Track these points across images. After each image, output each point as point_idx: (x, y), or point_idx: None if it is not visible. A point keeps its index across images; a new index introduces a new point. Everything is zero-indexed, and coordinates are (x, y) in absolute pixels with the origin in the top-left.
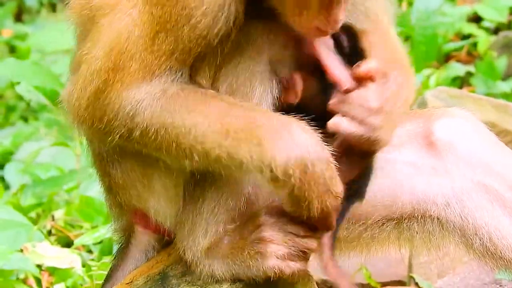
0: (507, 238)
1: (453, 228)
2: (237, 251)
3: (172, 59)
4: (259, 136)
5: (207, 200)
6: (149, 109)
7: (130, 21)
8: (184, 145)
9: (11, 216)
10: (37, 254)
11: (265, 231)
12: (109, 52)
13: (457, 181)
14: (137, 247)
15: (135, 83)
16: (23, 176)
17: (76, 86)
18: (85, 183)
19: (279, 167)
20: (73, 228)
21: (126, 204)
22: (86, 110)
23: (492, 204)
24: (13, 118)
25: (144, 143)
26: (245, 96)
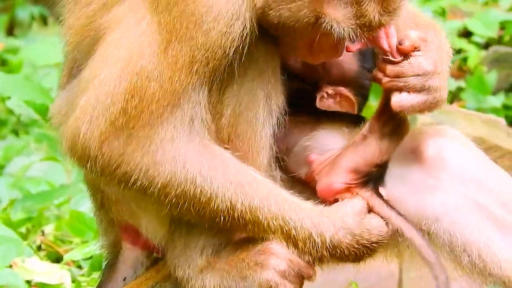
0: (497, 255)
1: (442, 244)
2: (236, 262)
3: (192, 73)
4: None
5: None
6: (182, 159)
7: (140, 33)
8: (224, 201)
9: (1, 231)
10: (26, 269)
11: (273, 245)
12: (122, 73)
13: (447, 197)
14: (125, 264)
15: (161, 113)
16: (13, 190)
17: (83, 119)
18: (76, 198)
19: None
20: (63, 243)
21: (118, 220)
22: (99, 150)
23: (483, 220)
24: (4, 132)
25: (162, 195)
26: (250, 122)
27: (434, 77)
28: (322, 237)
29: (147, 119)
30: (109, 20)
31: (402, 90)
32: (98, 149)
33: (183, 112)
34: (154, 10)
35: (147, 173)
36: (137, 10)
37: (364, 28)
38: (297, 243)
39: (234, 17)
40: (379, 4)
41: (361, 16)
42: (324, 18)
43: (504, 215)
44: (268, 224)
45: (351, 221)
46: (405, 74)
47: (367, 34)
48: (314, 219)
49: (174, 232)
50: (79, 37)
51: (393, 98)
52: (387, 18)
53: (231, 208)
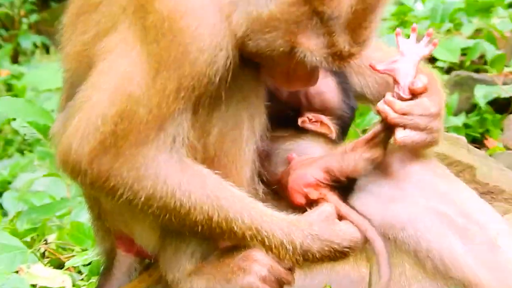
0: (458, 259)
1: (408, 250)
2: (221, 267)
3: (179, 99)
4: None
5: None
6: (163, 175)
7: (130, 62)
8: (201, 213)
9: (8, 240)
10: (31, 275)
11: (255, 252)
12: (113, 97)
13: (412, 208)
14: (120, 269)
15: (147, 135)
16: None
17: (75, 136)
18: (76, 210)
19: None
20: (65, 251)
21: (113, 229)
22: (88, 165)
23: (445, 229)
24: (11, 151)
25: (146, 206)
26: (235, 140)
27: (436, 120)
28: (293, 244)
29: (134, 140)
30: (101, 48)
31: (407, 127)
32: (88, 164)
33: (166, 133)
34: (144, 41)
35: (132, 187)
36: (128, 41)
37: (336, 58)
38: (272, 250)
39: (217, 48)
40: (349, 35)
41: (332, 46)
42: (298, 48)
43: (464, 223)
44: (243, 234)
45: (317, 228)
46: (413, 113)
47: (338, 63)
48: (284, 228)
49: (165, 240)
50: (76, 63)
51: (398, 133)
52: (357, 49)
53: (208, 220)
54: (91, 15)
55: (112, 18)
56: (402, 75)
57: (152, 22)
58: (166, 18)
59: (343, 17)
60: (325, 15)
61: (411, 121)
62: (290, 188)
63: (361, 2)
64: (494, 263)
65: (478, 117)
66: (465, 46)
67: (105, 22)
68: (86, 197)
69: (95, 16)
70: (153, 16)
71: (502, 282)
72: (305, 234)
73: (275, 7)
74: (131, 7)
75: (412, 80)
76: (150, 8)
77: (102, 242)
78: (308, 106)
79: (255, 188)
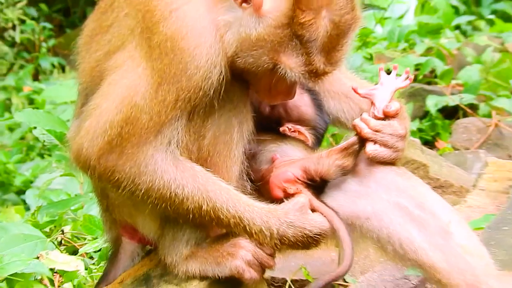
0: (414, 244)
1: (372, 237)
2: (212, 252)
3: (176, 108)
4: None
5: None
6: (160, 171)
7: (136, 76)
8: (193, 203)
9: (30, 231)
10: (50, 260)
11: (242, 240)
12: (120, 105)
13: (375, 201)
14: (125, 255)
15: (147, 138)
16: (40, 199)
17: (86, 137)
18: (87, 204)
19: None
20: (78, 240)
21: (119, 220)
22: (97, 161)
23: (403, 218)
24: (32, 155)
25: (145, 197)
26: (226, 142)
27: (402, 141)
28: (270, 230)
29: (136, 141)
30: (111, 64)
31: (377, 142)
32: (96, 161)
33: (163, 136)
34: (149, 58)
35: (134, 181)
36: (135, 58)
37: (312, 75)
38: (253, 236)
39: (212, 65)
40: (324, 56)
41: (309, 64)
42: (280, 65)
43: (420, 214)
44: (228, 221)
45: (292, 216)
46: (384, 132)
47: (313, 80)
48: (263, 216)
49: (164, 229)
50: (90, 78)
51: (368, 146)
52: (330, 68)
53: (199, 208)
54: (103, 36)
55: (121, 38)
56: (379, 99)
57: (156, 42)
58: (169, 39)
59: (319, 40)
60: (304, 38)
61: (381, 138)
62: (271, 183)
63: (335, 28)
64: (446, 247)
65: (430, 123)
66: (418, 62)
67: (115, 41)
68: (96, 192)
69: (106, 36)
70: (157, 37)
71: (452, 263)
72: (281, 222)
73: (262, 29)
74: (138, 29)
75: (387, 104)
76: (155, 30)
77: (110, 231)
78: (287, 118)
79: (243, 184)
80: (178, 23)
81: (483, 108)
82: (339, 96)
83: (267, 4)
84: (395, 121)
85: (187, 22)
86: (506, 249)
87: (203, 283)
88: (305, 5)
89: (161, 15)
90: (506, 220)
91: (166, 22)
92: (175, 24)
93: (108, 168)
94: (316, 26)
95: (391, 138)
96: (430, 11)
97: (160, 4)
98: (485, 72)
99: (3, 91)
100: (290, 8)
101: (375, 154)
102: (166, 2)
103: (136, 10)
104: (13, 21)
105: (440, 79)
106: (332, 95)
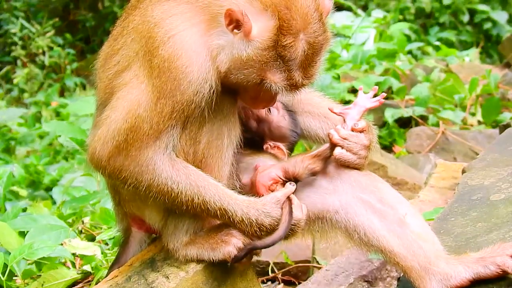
0: (376, 232)
1: (340, 227)
2: (208, 239)
3: (172, 118)
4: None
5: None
6: (159, 170)
7: (139, 92)
8: (186, 196)
9: (55, 222)
10: (72, 246)
11: (234, 231)
12: (126, 116)
13: (343, 197)
14: (134, 242)
15: (147, 143)
16: (64, 195)
17: (98, 142)
18: (103, 199)
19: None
20: (96, 229)
21: (129, 212)
22: (107, 162)
23: (366, 211)
24: (58, 158)
25: (147, 191)
26: (217, 147)
27: (365, 150)
28: (250, 220)
29: (138, 145)
30: (120, 82)
31: (343, 148)
32: (107, 162)
33: (161, 141)
34: (150, 77)
35: (137, 178)
36: (139, 76)
37: (292, 87)
38: (235, 224)
39: (203, 81)
40: (302, 72)
41: (290, 79)
42: (266, 80)
43: (380, 207)
44: (215, 212)
45: (269, 207)
46: (350, 140)
47: (293, 91)
48: (244, 208)
49: (167, 219)
50: (104, 94)
51: (336, 150)
52: (307, 81)
53: (191, 201)
54: (114, 57)
55: (128, 59)
56: (350, 117)
57: (156, 63)
58: (167, 60)
59: (298, 59)
60: (286, 57)
61: (348, 145)
62: (257, 182)
63: (311, 47)
64: (402, 234)
65: (388, 131)
66: (377, 81)
67: (123, 62)
68: (109, 190)
69: (116, 58)
70: (157, 59)
71: (408, 248)
72: (259, 212)
73: (251, 51)
74: (142, 52)
75: (356, 122)
76: (155, 53)
77: (121, 222)
78: (270, 135)
79: (233, 183)
80: (174, 47)
81: (432, 118)
82: (319, 116)
83: (255, 30)
84: (361, 134)
85: (182, 45)
86: (453, 237)
87: (200, 265)
88: (286, 30)
89: (161, 41)
90: (452, 212)
91: (164, 46)
92: (172, 47)
93: (116, 168)
94: (295, 47)
95: (356, 146)
96: (386, 39)
97: (160, 31)
98: (433, 89)
99: (35, 106)
100: (275, 33)
101: (340, 156)
102: (165, 29)
103: (140, 36)
104: (43, 48)
105: (396, 94)
106: (313, 115)
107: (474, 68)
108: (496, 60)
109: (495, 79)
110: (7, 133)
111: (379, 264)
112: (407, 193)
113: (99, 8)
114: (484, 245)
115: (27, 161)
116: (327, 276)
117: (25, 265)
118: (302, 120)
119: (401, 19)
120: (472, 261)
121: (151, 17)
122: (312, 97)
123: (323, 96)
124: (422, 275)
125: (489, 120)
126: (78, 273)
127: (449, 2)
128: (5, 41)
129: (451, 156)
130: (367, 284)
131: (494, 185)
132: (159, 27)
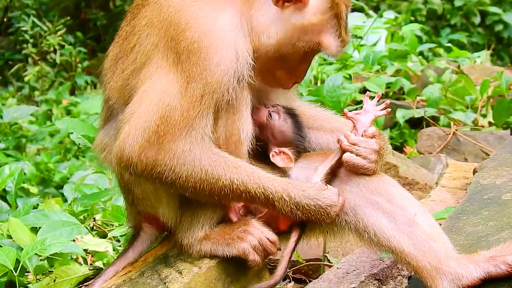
0: (386, 233)
1: (350, 228)
2: (224, 235)
3: (202, 103)
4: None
5: (204, 207)
6: (198, 159)
7: (166, 81)
8: (222, 189)
9: (67, 218)
10: (84, 242)
11: (251, 228)
12: (155, 107)
13: (353, 198)
14: (145, 236)
15: (181, 134)
16: (75, 192)
17: (127, 139)
18: (115, 197)
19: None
20: (107, 226)
21: (143, 211)
22: (138, 158)
23: (376, 212)
24: (69, 156)
25: (186, 183)
26: (234, 137)
27: (375, 154)
28: (289, 197)
29: (172, 137)
30: (141, 78)
31: (352, 153)
32: (138, 158)
33: (197, 131)
34: (178, 62)
35: (174, 171)
36: (162, 67)
37: (343, 46)
38: (274, 203)
39: (235, 59)
40: (345, 30)
41: (341, 38)
42: (321, 43)
43: (390, 207)
44: (254, 192)
45: (306, 188)
46: (359, 145)
47: (341, 51)
48: (283, 186)
49: (182, 216)
50: (118, 94)
51: (345, 155)
52: (348, 38)
53: (231, 184)
54: (128, 57)
55: (146, 54)
56: (360, 124)
57: (184, 46)
58: (196, 41)
59: (346, 16)
60: (339, 16)
61: (357, 150)
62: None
63: (348, 3)
64: (413, 234)
65: (399, 131)
66: (389, 81)
67: (140, 58)
68: (121, 189)
69: (131, 56)
70: (184, 42)
71: (418, 248)
72: (297, 190)
73: (310, 17)
74: (163, 42)
75: (366, 128)
76: (181, 37)
77: (132, 220)
78: (273, 141)
79: (251, 162)
80: (203, 28)
81: (443, 119)
82: (331, 130)
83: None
84: (372, 139)
85: (212, 25)
86: (465, 236)
87: (213, 261)
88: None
89: (186, 24)
90: (464, 211)
91: (191, 29)
92: (200, 28)
93: (149, 164)
94: (345, 3)
95: (365, 150)
96: (398, 40)
97: (184, 16)
98: (444, 90)
99: (46, 104)
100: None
101: (349, 159)
102: (190, 14)
103: (158, 28)
104: (54, 46)
105: (407, 95)
106: (325, 130)
107: (486, 69)
108: (507, 62)
109: (506, 81)
110: (18, 130)
111: (390, 263)
112: (418, 193)
113: (111, 7)
114: (495, 243)
115: (37, 159)
116: (338, 274)
117: (37, 261)
118: (314, 135)
119: (413, 20)
120: (483, 260)
121: (170, 6)
122: (322, 113)
123: (332, 112)
124: (434, 275)
125: (500, 121)
126: (90, 269)
127: (461, 4)
128: (17, 39)
129: (462, 157)
130: (378, 282)
131: (506, 185)
132: (181, 13)
